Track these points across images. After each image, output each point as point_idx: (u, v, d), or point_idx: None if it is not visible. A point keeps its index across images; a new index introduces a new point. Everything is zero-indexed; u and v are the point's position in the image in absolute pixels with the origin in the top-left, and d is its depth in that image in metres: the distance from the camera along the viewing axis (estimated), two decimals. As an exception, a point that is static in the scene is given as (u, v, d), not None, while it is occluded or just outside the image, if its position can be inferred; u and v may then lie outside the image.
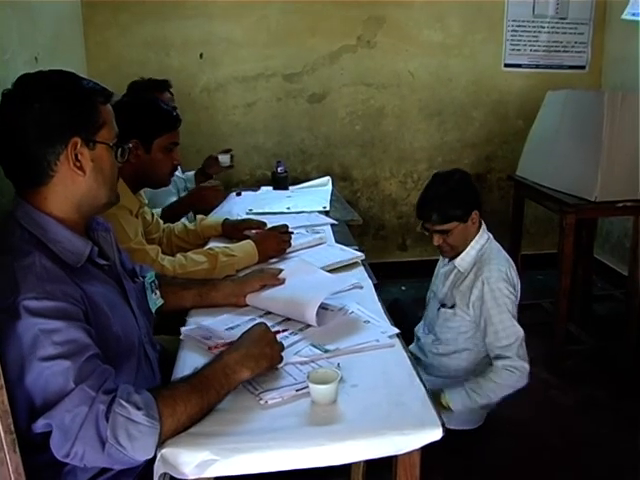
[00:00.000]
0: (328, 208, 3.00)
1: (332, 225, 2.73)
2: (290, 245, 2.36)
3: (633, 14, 3.81)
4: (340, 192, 4.35)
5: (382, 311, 1.85)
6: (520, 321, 2.93)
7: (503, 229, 3.91)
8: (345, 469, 2.02)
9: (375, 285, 2.04)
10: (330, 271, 2.11)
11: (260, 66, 4.20)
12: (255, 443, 1.28)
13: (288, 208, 2.97)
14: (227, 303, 1.88)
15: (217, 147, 4.05)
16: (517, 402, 3.07)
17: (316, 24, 4.18)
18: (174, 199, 3.01)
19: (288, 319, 1.78)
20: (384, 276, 4.26)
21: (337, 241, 2.48)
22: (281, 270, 1.95)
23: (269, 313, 1.82)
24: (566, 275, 3.31)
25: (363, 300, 1.89)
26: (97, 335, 1.33)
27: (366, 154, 4.47)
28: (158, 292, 1.76)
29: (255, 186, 3.78)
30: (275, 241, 2.32)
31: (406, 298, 3.98)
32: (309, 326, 1.73)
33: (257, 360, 1.43)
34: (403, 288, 4.41)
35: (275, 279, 1.91)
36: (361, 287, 1.88)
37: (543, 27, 4.52)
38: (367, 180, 4.53)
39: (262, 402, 1.39)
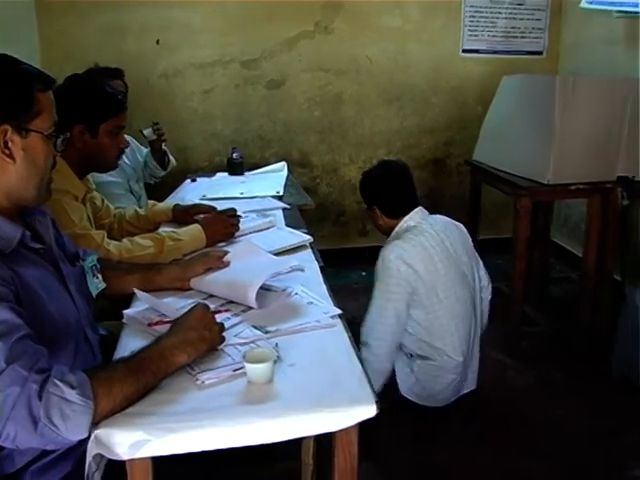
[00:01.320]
0: (282, 193, 3.00)
1: (284, 209, 2.73)
2: (238, 229, 2.35)
3: (590, 2, 3.84)
4: (299, 178, 4.36)
5: (326, 293, 1.85)
6: None
7: (462, 214, 3.93)
8: (296, 451, 2.02)
9: (321, 268, 2.04)
10: (278, 254, 2.11)
11: (218, 52, 4.18)
12: (189, 422, 1.27)
13: (242, 193, 2.97)
14: (172, 287, 1.87)
15: (176, 134, 4.07)
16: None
17: (273, 10, 4.16)
18: (122, 191, 3.00)
19: (231, 302, 1.77)
20: (345, 262, 4.34)
21: (287, 225, 2.48)
22: (226, 253, 1.95)
23: (212, 296, 1.82)
24: (521, 258, 3.35)
25: (308, 282, 1.89)
26: (31, 317, 1.31)
27: (325, 140, 4.48)
28: (100, 276, 1.74)
29: (213, 172, 3.76)
30: (223, 225, 2.32)
31: (367, 284, 3.98)
32: (251, 308, 1.72)
33: (195, 344, 1.43)
34: (363, 274, 4.42)
35: (219, 262, 1.90)
36: (302, 269, 1.87)
37: (501, 13, 4.55)
38: (326, 166, 4.53)
39: (199, 382, 1.39)
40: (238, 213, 2.42)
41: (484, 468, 2.60)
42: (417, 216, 2.69)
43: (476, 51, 4.57)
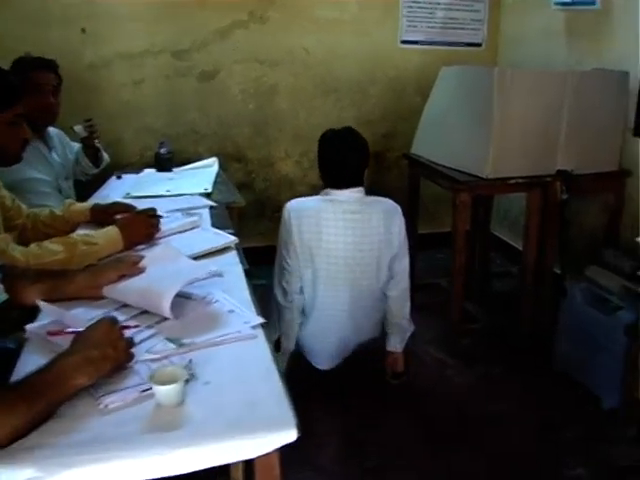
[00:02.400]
0: (210, 190, 2.84)
1: (211, 208, 2.58)
2: (159, 230, 2.20)
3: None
4: (234, 174, 4.23)
5: (249, 299, 1.73)
6: (419, 300, 3.41)
7: (402, 208, 3.85)
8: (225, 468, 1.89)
9: (246, 271, 1.91)
10: (201, 257, 1.98)
11: (147, 42, 3.99)
12: (88, 455, 1.13)
13: (168, 191, 2.80)
14: (83, 296, 1.72)
15: (106, 127, 3.85)
16: (412, 382, 3.08)
17: (206, -2, 4.00)
18: (49, 189, 2.83)
19: (145, 311, 1.63)
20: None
21: (214, 225, 2.33)
22: (142, 257, 1.80)
23: (126, 305, 1.67)
24: (460, 253, 3.27)
25: (230, 288, 1.76)
26: None
27: (260, 133, 4.33)
28: (1, 286, 1.58)
29: (145, 168, 3.57)
30: (142, 225, 2.16)
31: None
32: (166, 319, 1.58)
33: (97, 364, 1.28)
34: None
35: (134, 268, 1.75)
36: (221, 275, 1.73)
37: (439, 4, 4.47)
38: (262, 160, 4.39)
39: (101, 406, 1.25)
40: (160, 213, 2.26)
41: (422, 467, 2.56)
42: (352, 197, 2.81)
43: (415, 42, 4.48)
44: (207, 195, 2.79)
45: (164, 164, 3.22)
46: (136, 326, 1.54)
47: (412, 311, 3.18)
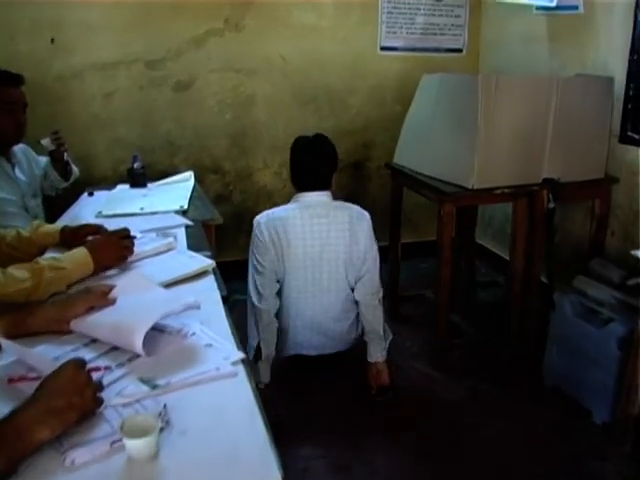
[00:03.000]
0: (186, 207, 2.72)
1: (187, 227, 2.45)
2: (132, 252, 2.08)
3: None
4: (211, 186, 4.13)
5: (229, 330, 1.61)
6: (404, 312, 3.70)
7: (384, 219, 3.77)
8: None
9: (224, 298, 1.79)
10: (175, 283, 1.86)
11: (119, 52, 3.87)
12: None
13: (142, 209, 2.67)
14: (48, 330, 1.59)
15: (77, 141, 3.75)
16: (399, 400, 2.99)
17: (179, 5, 3.88)
18: (15, 209, 2.70)
19: (116, 347, 1.51)
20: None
21: (189, 246, 2.20)
22: (112, 287, 1.68)
23: (96, 341, 1.54)
24: (446, 266, 3.17)
25: (208, 318, 1.64)
26: None
27: (238, 144, 4.22)
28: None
29: (118, 183, 3.43)
30: (113, 248, 2.03)
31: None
32: (139, 355, 1.46)
33: (62, 415, 1.15)
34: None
35: (104, 299, 1.63)
36: (198, 307, 1.60)
37: (419, 9, 4.40)
38: (240, 172, 4.28)
39: (67, 462, 1.12)
40: (133, 233, 2.14)
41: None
42: (318, 201, 2.94)
43: (394, 49, 4.40)
44: (183, 212, 2.67)
45: (138, 179, 3.08)
46: (106, 368, 1.42)
47: (397, 323, 3.45)
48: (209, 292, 1.82)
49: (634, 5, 3.12)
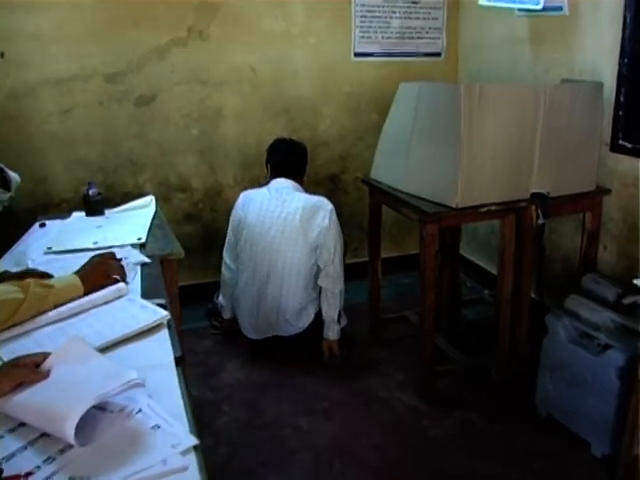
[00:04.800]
0: (144, 239, 2.46)
1: (143, 265, 2.19)
2: (123, 272, 2.00)
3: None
4: (179, 205, 3.92)
5: (182, 404, 1.36)
6: (387, 336, 3.68)
7: (363, 234, 3.58)
8: None
9: (177, 359, 1.54)
10: (123, 341, 1.62)
11: (76, 66, 3.61)
12: None
13: (95, 243, 2.40)
14: (-32, 411, 1.35)
15: (31, 163, 3.52)
16: (384, 440, 2.78)
17: (139, 13, 3.63)
18: None
19: (46, 434, 1.26)
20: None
21: (144, 290, 1.95)
22: (44, 358, 1.43)
23: (24, 424, 1.29)
24: (429, 291, 2.95)
25: (158, 389, 1.39)
26: None
27: (206, 161, 3.98)
28: None
29: (81, 204, 3.14)
30: (103, 267, 1.95)
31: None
32: (72, 446, 1.22)
33: None
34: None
35: (34, 374, 1.37)
36: (142, 385, 1.35)
37: (395, 12, 4.18)
38: (209, 190, 4.04)
39: None
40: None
41: None
42: (283, 184, 3.42)
43: (369, 54, 4.18)
44: (141, 246, 2.41)
45: (94, 207, 2.82)
46: (27, 474, 1.17)
47: (380, 348, 3.55)
48: (161, 352, 1.56)
49: (623, 5, 2.92)
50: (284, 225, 3.29)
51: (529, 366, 3.07)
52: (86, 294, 1.84)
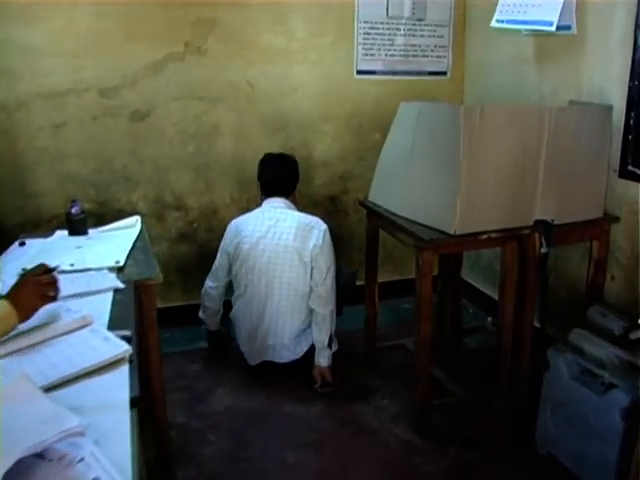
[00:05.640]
0: (122, 263, 2.34)
1: (116, 291, 2.07)
2: (56, 287, 1.81)
3: (502, 21, 3.39)
4: (174, 224, 3.82)
5: (129, 453, 1.23)
6: (383, 365, 3.56)
7: (363, 256, 3.47)
8: None
9: (133, 400, 1.40)
10: (83, 375, 1.50)
11: (69, 79, 3.52)
12: None
13: (72, 265, 2.29)
14: None
15: (21, 178, 3.43)
16: (376, 474, 2.65)
17: (135, 28, 3.55)
18: None
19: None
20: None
21: (112, 317, 1.83)
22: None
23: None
24: (426, 321, 2.82)
25: (105, 434, 1.26)
26: None
27: (202, 178, 3.88)
28: None
29: (53, 230, 2.97)
30: (33, 289, 1.75)
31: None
32: (1, 502, 1.10)
33: None
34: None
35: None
36: (82, 434, 1.19)
37: (399, 29, 4.08)
38: (204, 208, 3.93)
39: None
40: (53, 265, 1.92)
41: None
42: (275, 204, 3.40)
43: (372, 72, 4.07)
44: (118, 269, 2.29)
45: (77, 226, 2.71)
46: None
47: (375, 377, 3.43)
48: (117, 392, 1.43)
49: (633, 25, 2.80)
50: (278, 245, 3.26)
51: (531, 397, 2.91)
52: (22, 321, 1.70)
